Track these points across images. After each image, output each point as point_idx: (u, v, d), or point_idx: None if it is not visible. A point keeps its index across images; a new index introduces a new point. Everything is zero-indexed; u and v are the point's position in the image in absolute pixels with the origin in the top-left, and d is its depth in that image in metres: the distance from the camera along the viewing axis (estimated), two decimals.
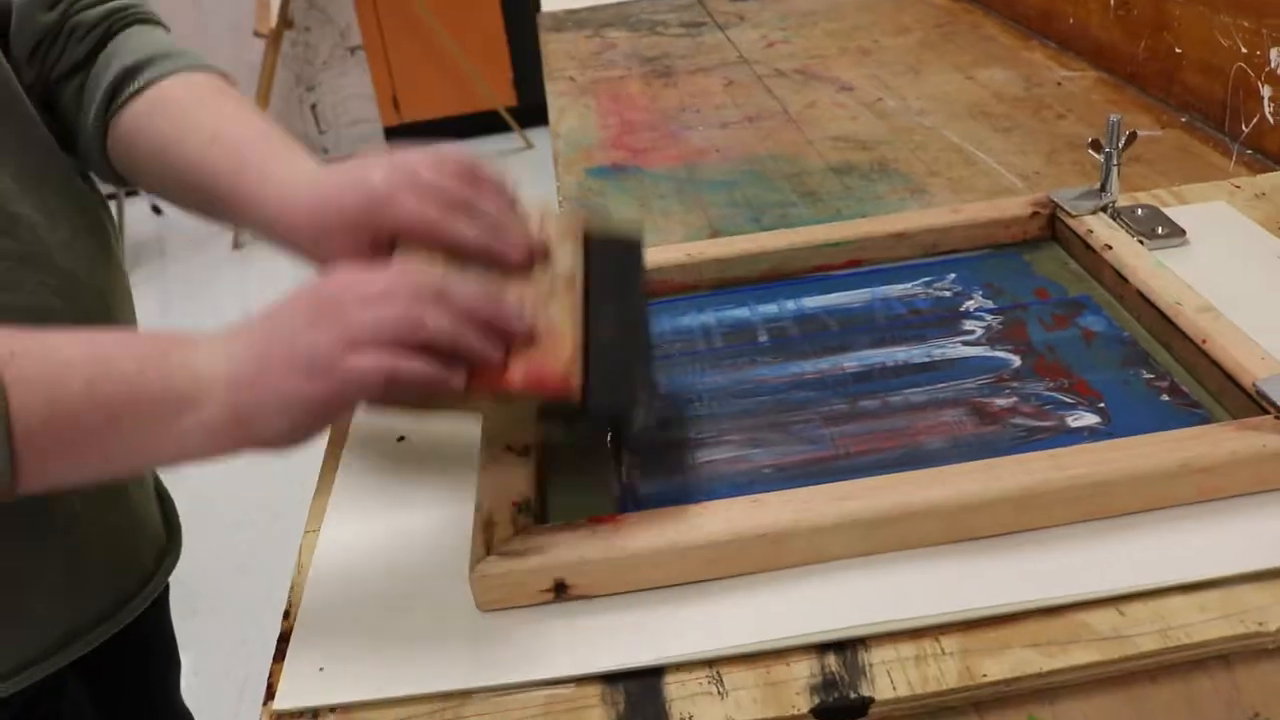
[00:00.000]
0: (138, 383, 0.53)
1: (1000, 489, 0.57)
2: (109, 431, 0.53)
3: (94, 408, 0.52)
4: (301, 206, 0.64)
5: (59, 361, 0.53)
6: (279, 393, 0.54)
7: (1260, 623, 0.53)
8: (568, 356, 0.58)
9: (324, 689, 0.56)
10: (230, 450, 0.55)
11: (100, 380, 0.53)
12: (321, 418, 0.55)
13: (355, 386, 0.54)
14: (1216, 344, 0.67)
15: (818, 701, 0.52)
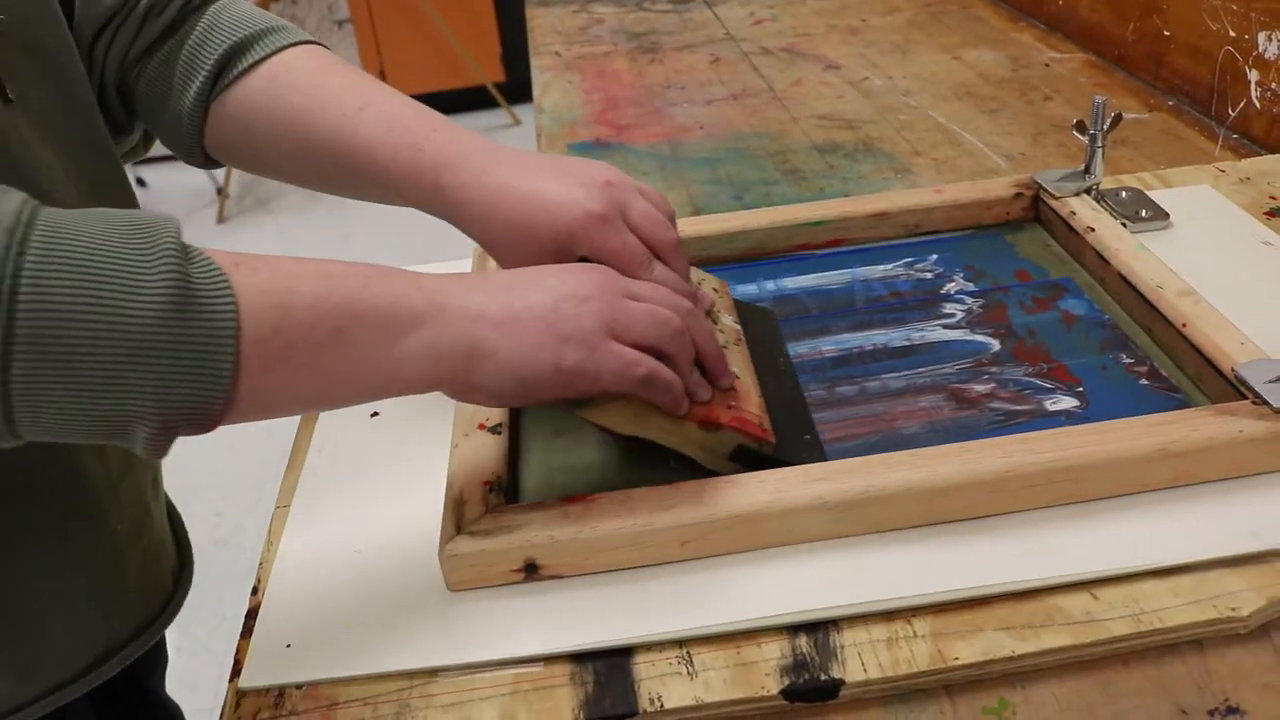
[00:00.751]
0: (364, 296, 0.51)
1: (974, 472, 0.57)
2: (334, 346, 0.50)
3: (322, 317, 0.49)
4: (500, 217, 0.62)
5: (286, 272, 0.50)
6: (528, 344, 0.53)
7: (1233, 608, 0.53)
8: (758, 404, 0.62)
9: (291, 667, 0.55)
10: (440, 383, 0.53)
11: (328, 292, 0.50)
12: (554, 387, 0.54)
13: (611, 371, 0.54)
14: (1196, 328, 0.67)
15: (788, 683, 0.51)
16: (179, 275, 0.46)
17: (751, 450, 0.60)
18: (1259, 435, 0.58)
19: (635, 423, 0.58)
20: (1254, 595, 0.53)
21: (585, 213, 0.61)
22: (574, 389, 0.55)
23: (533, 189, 0.62)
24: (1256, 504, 0.58)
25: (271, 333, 0.48)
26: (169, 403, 0.46)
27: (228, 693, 0.56)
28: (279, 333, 0.48)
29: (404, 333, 0.52)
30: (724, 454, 0.60)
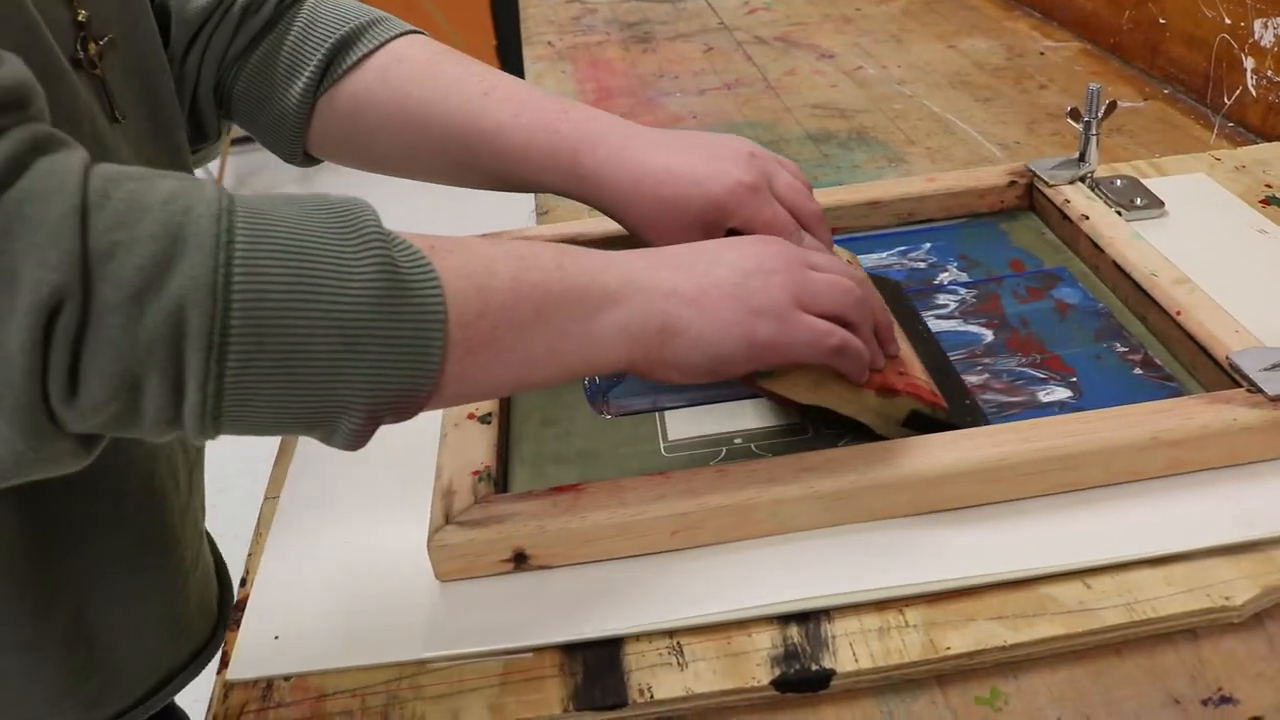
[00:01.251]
0: (558, 276, 0.51)
1: (966, 461, 0.56)
2: (530, 327, 0.49)
3: (519, 300, 0.49)
4: (648, 193, 0.62)
5: (482, 254, 0.49)
6: (721, 319, 0.53)
7: (1226, 597, 0.52)
8: (923, 371, 0.64)
9: (279, 658, 0.55)
10: (634, 361, 0.53)
11: (524, 273, 0.50)
12: (747, 361, 0.54)
13: (803, 342, 0.55)
14: (1191, 316, 0.67)
15: (778, 673, 0.51)
16: (387, 261, 0.45)
17: (925, 415, 0.61)
18: (1253, 423, 0.58)
19: (815, 392, 0.58)
20: (1248, 584, 0.53)
21: (737, 183, 0.61)
22: (765, 362, 0.55)
23: (678, 163, 0.62)
24: (1250, 492, 0.58)
25: (475, 316, 0.47)
26: (380, 392, 0.45)
27: (215, 684, 0.55)
28: (482, 316, 0.48)
29: (599, 312, 0.51)
30: (898, 420, 0.61)
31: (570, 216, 0.96)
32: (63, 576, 0.60)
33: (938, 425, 0.61)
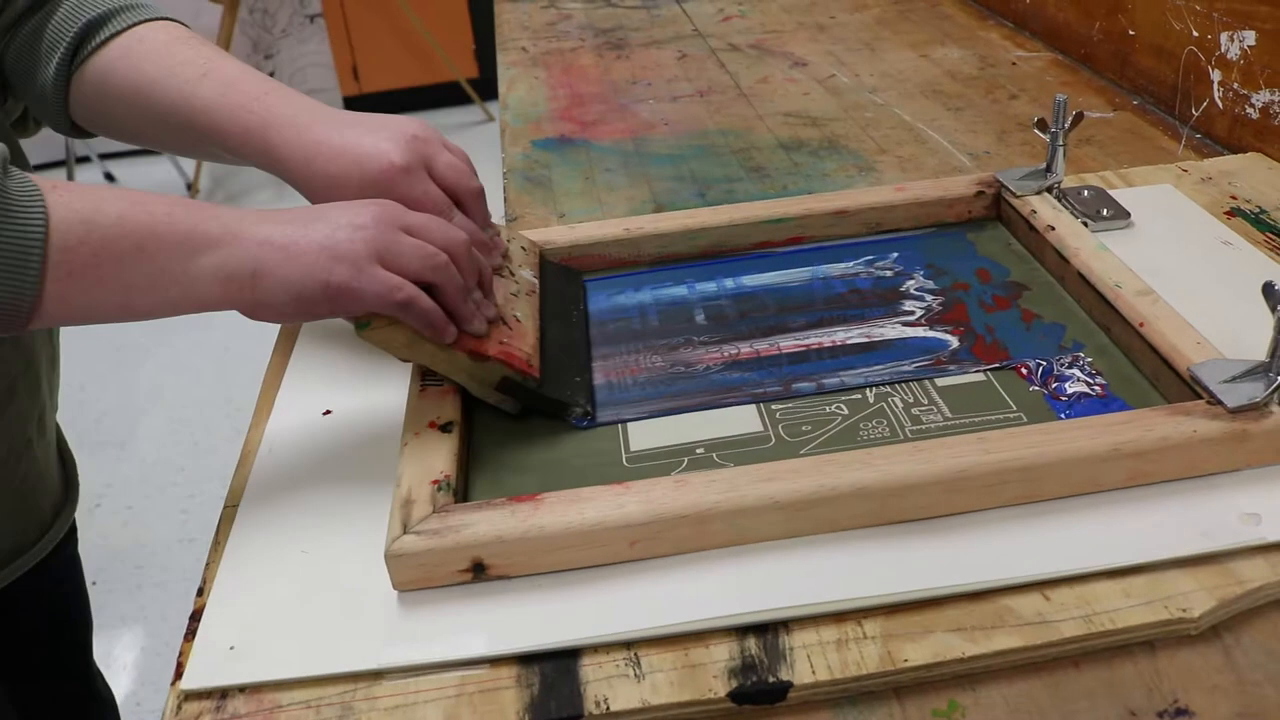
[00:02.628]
0: (165, 220, 0.57)
1: (927, 472, 0.56)
2: (132, 261, 0.56)
3: (124, 235, 0.56)
4: (318, 170, 0.68)
5: (96, 195, 0.56)
6: (303, 263, 0.58)
7: (1184, 609, 0.53)
8: (531, 345, 0.68)
9: (234, 668, 0.54)
10: (231, 302, 0.59)
11: (132, 213, 0.56)
12: (325, 303, 0.59)
13: (373, 293, 0.59)
14: (1153, 328, 0.67)
15: (735, 685, 0.51)
16: None
17: (516, 382, 0.66)
18: (1212, 435, 0.58)
19: (409, 348, 0.63)
20: (1205, 596, 0.53)
21: (390, 164, 0.67)
22: (343, 307, 0.60)
23: (346, 143, 0.68)
24: (1209, 504, 0.58)
25: (77, 242, 0.55)
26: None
27: (169, 695, 0.55)
28: (84, 243, 0.55)
29: (198, 254, 0.57)
30: (491, 384, 0.66)
31: (540, 224, 0.95)
32: None
33: (532, 396, 0.67)
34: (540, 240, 0.81)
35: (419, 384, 0.67)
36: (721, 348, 0.74)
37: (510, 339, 0.67)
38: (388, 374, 0.73)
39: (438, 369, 0.64)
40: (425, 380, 0.67)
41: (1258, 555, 0.55)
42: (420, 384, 0.67)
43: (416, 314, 0.61)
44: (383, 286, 0.59)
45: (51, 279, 0.54)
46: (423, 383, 0.67)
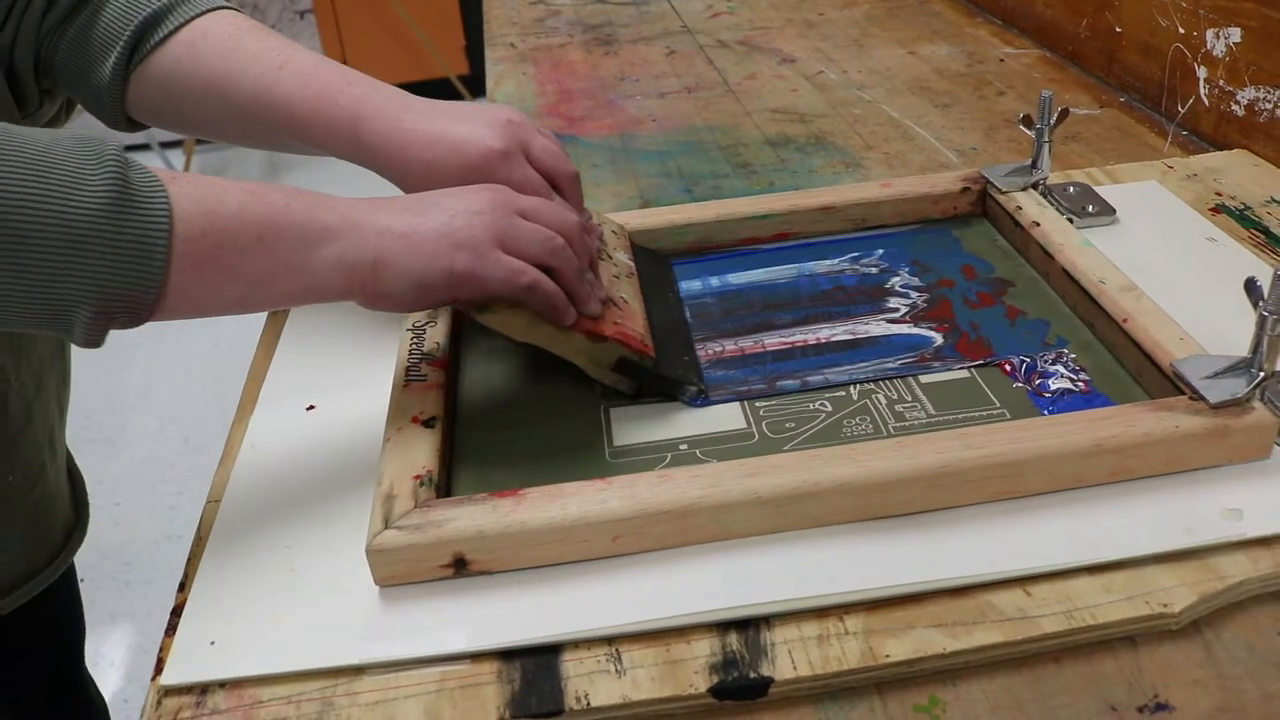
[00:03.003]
0: (284, 211, 0.56)
1: (910, 468, 0.56)
2: (254, 252, 0.55)
3: (244, 226, 0.55)
4: (414, 158, 0.68)
5: (215, 186, 0.55)
6: (424, 251, 0.59)
7: (1165, 604, 0.53)
8: (642, 325, 0.69)
9: (214, 664, 0.54)
10: (352, 292, 0.58)
11: (251, 205, 0.56)
12: (448, 290, 0.59)
13: (497, 278, 0.60)
14: (1137, 323, 0.67)
15: (716, 681, 0.51)
16: (120, 177, 0.51)
17: (633, 362, 0.66)
18: (1194, 431, 0.58)
19: (529, 330, 0.63)
20: (1186, 591, 0.53)
21: (489, 149, 0.67)
22: (466, 293, 0.60)
23: (442, 131, 0.68)
24: (1191, 500, 0.58)
25: (200, 234, 0.53)
26: (107, 291, 0.51)
27: (149, 691, 0.55)
28: (207, 234, 0.53)
29: (319, 245, 0.57)
30: (608, 365, 0.66)
31: None
32: None
33: (648, 376, 0.67)
34: None
35: (403, 379, 0.66)
36: (706, 345, 0.74)
37: (623, 320, 0.67)
38: (371, 369, 0.73)
39: (556, 351, 0.65)
40: (408, 375, 0.67)
41: (1239, 550, 0.55)
42: (404, 379, 0.66)
43: (541, 297, 0.61)
44: (507, 271, 0.60)
45: (175, 271, 0.52)
46: (406, 378, 0.66)
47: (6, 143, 0.49)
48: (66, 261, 0.50)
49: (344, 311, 0.80)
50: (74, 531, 0.82)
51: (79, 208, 0.49)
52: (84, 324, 0.51)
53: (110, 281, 0.51)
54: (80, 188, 0.50)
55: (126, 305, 0.52)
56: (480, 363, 0.73)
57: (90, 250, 0.50)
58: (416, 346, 0.69)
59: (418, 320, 0.72)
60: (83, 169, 0.50)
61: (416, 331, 0.71)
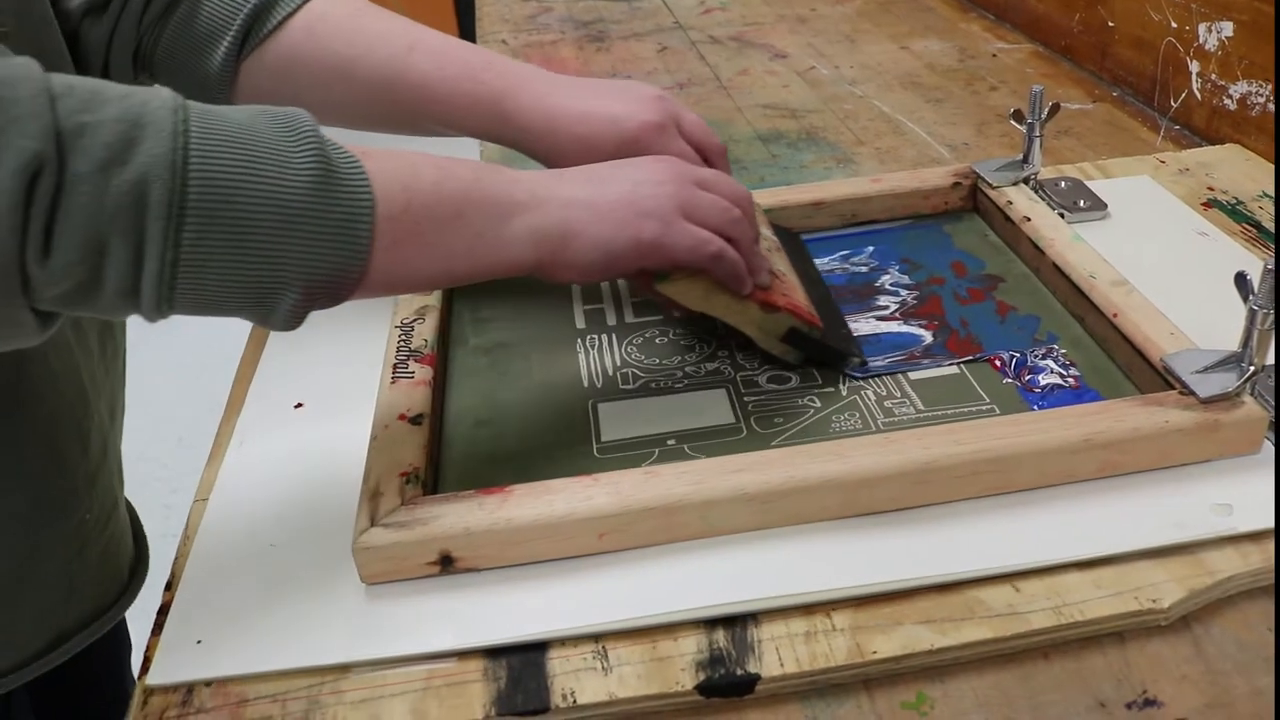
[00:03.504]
0: (475, 185, 0.56)
1: (897, 463, 0.56)
2: (452, 226, 0.55)
3: (441, 201, 0.54)
4: (564, 133, 0.68)
5: (408, 160, 0.55)
6: (612, 220, 0.59)
7: (1154, 600, 0.52)
8: (804, 297, 0.70)
9: (200, 663, 0.54)
10: (540, 261, 0.58)
11: (445, 179, 0.55)
12: (635, 259, 0.60)
13: (685, 247, 0.60)
14: (1127, 318, 0.67)
15: (703, 678, 0.50)
16: (322, 156, 0.50)
17: (802, 333, 0.67)
18: (1185, 426, 0.58)
19: (705, 300, 0.64)
20: (1175, 587, 0.53)
21: (645, 122, 0.68)
22: (651, 261, 0.61)
23: (594, 106, 0.68)
24: (1181, 495, 0.58)
25: (401, 210, 0.52)
26: (315, 271, 0.50)
27: (136, 690, 0.54)
28: (407, 211, 0.53)
29: (510, 217, 0.56)
30: (778, 335, 0.67)
31: None
32: None
33: (815, 346, 0.68)
34: None
35: (390, 376, 0.66)
36: (694, 339, 0.73)
37: (788, 291, 0.68)
38: (359, 367, 0.73)
39: (729, 320, 0.66)
40: (396, 373, 0.66)
41: (1228, 545, 0.55)
42: (391, 376, 0.66)
43: (726, 266, 0.62)
44: (694, 240, 0.60)
45: (377, 249, 0.52)
46: (393, 375, 0.66)
47: (216, 124, 0.48)
48: (282, 242, 0.48)
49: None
50: (138, 566, 0.79)
51: (289, 187, 0.48)
52: (288, 306, 0.50)
53: (319, 261, 0.50)
54: (286, 166, 0.49)
55: (331, 285, 0.51)
56: (468, 360, 0.73)
57: (302, 230, 0.49)
58: (404, 344, 0.69)
59: (406, 317, 0.72)
60: (285, 147, 0.49)
61: (404, 329, 0.71)
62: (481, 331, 0.76)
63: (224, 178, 0.47)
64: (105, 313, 0.48)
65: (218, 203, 0.46)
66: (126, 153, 0.44)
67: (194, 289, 0.47)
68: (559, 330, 0.75)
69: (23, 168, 0.42)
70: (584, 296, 0.79)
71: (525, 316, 0.77)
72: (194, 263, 0.47)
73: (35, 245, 0.43)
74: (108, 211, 0.44)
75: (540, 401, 0.68)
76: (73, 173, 0.43)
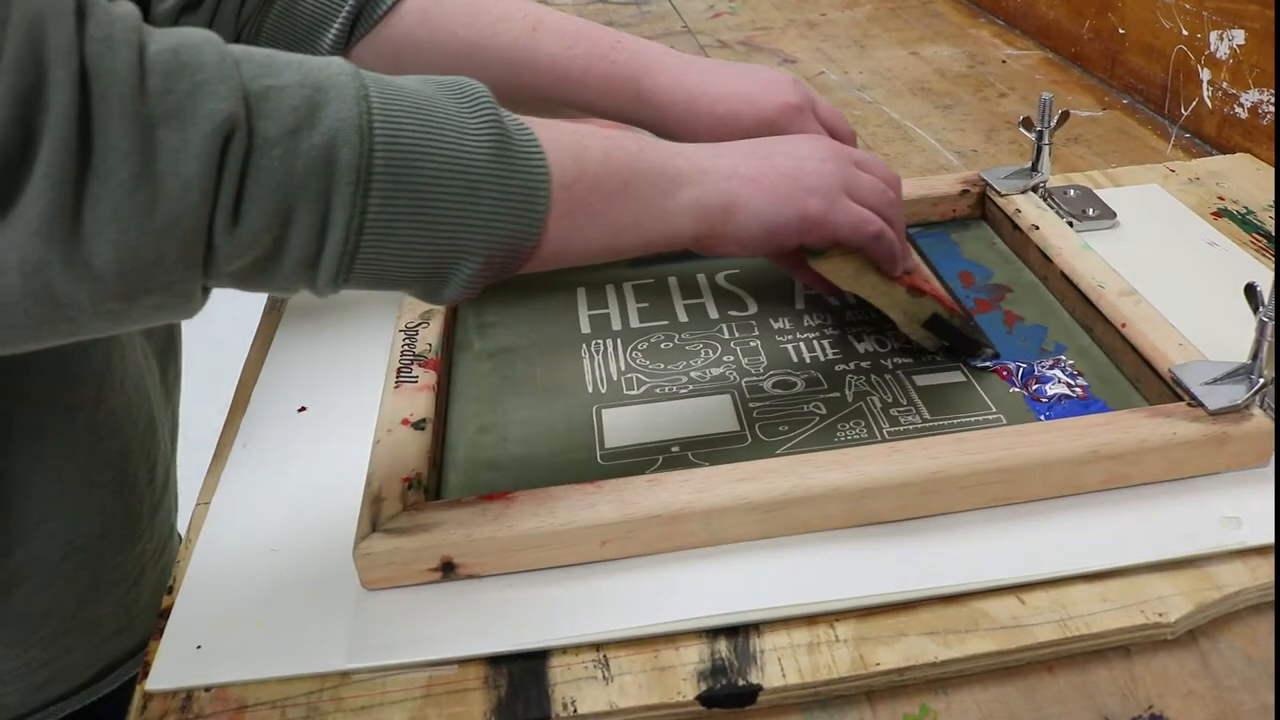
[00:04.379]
0: (640, 157, 0.55)
1: (903, 473, 0.56)
2: (620, 198, 0.54)
3: (610, 173, 0.54)
4: (704, 112, 0.68)
5: (574, 130, 0.54)
6: (777, 194, 0.58)
7: (1160, 614, 0.52)
8: (940, 285, 0.71)
9: (200, 668, 0.54)
10: (701, 235, 0.58)
11: (612, 150, 0.54)
12: (798, 234, 0.60)
13: (848, 224, 0.61)
14: (1136, 329, 0.66)
15: (704, 688, 0.50)
16: (498, 122, 0.49)
17: (943, 320, 0.68)
18: (1192, 438, 0.58)
19: (855, 279, 0.65)
20: (1182, 600, 0.53)
21: (784, 105, 0.68)
22: (812, 238, 0.60)
23: (732, 87, 0.68)
24: (1189, 507, 0.57)
25: (573, 180, 0.52)
26: (495, 239, 0.49)
27: (135, 695, 0.54)
28: (579, 181, 0.52)
29: (675, 190, 0.56)
30: (921, 320, 0.68)
31: None
32: (25, 561, 0.60)
33: (954, 334, 0.68)
34: None
35: (393, 381, 0.66)
36: (699, 346, 0.73)
37: (928, 279, 0.69)
38: (363, 371, 0.72)
39: (875, 301, 0.67)
40: (400, 377, 0.66)
41: (1236, 559, 0.55)
42: (395, 381, 0.66)
43: (884, 246, 0.62)
44: (857, 218, 0.61)
45: (552, 218, 0.51)
46: (397, 379, 0.66)
47: (393, 90, 0.47)
48: (465, 210, 0.48)
49: (337, 313, 0.79)
50: None
51: (470, 154, 0.48)
52: (464, 277, 0.49)
53: (499, 230, 0.49)
54: (465, 133, 0.48)
55: (508, 255, 0.50)
56: (472, 364, 0.73)
57: (484, 197, 0.48)
58: (408, 348, 0.69)
59: (410, 321, 0.72)
60: (462, 113, 0.49)
61: (409, 333, 0.70)
62: (486, 336, 0.75)
63: (407, 143, 0.46)
64: (277, 288, 0.47)
65: (402, 168, 0.46)
66: (314, 116, 0.44)
67: (374, 258, 0.46)
68: (563, 335, 0.75)
69: (215, 130, 0.41)
70: (589, 301, 0.79)
71: (530, 321, 0.77)
72: (378, 230, 0.46)
73: (225, 213, 0.42)
74: (298, 176, 0.43)
75: (544, 407, 0.68)
76: (262, 136, 0.43)
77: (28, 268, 0.39)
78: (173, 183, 0.40)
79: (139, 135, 0.40)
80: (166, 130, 0.40)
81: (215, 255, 0.43)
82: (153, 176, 0.40)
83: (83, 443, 0.60)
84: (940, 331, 0.68)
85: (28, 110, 0.38)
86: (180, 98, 0.41)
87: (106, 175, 0.39)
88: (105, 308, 0.42)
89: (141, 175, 0.40)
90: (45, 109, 0.38)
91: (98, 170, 0.39)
